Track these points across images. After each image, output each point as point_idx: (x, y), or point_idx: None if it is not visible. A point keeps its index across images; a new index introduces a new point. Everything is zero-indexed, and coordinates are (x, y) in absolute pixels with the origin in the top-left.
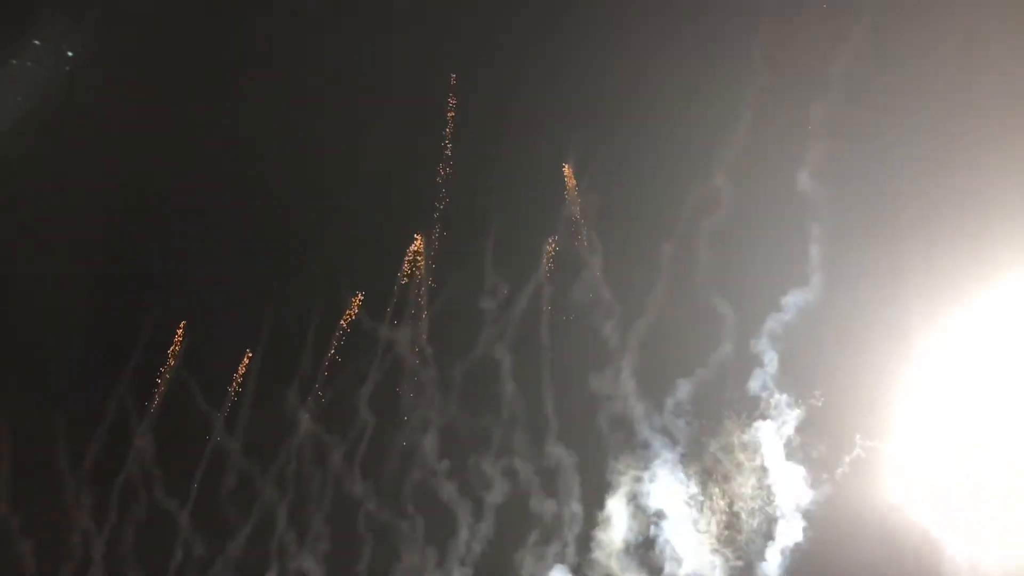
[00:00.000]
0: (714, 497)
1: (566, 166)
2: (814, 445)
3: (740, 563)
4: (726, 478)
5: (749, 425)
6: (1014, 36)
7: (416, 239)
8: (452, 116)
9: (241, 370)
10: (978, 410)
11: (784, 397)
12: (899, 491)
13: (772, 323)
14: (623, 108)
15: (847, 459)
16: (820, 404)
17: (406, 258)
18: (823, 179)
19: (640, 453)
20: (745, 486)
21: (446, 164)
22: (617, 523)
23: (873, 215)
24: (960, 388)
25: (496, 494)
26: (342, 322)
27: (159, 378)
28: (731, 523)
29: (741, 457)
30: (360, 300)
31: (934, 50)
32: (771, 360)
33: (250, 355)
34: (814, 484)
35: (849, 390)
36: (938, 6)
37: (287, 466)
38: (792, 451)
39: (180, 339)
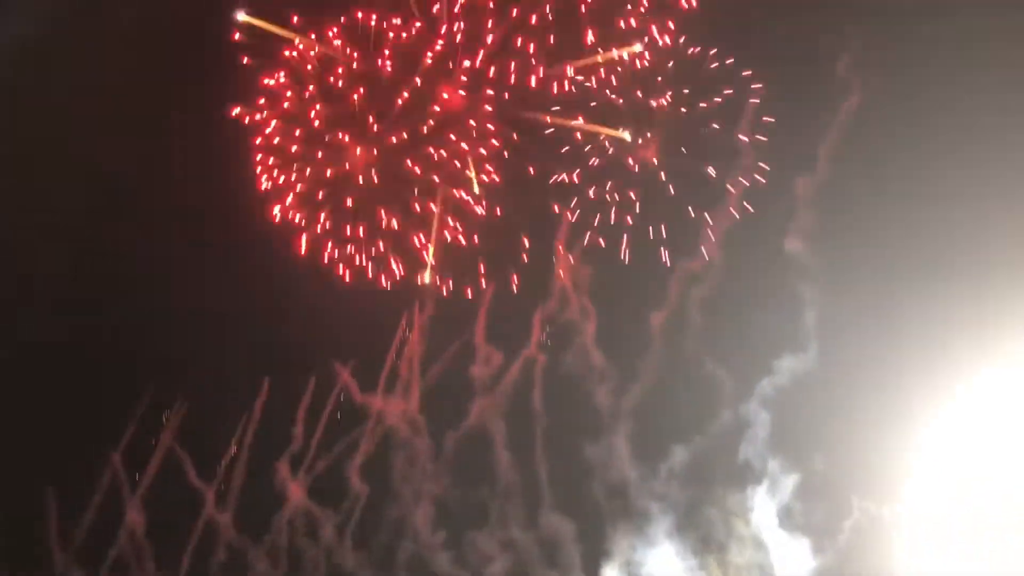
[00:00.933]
0: (711, 568)
1: (559, 240)
2: (812, 511)
3: None
4: (722, 547)
5: (743, 491)
6: (1001, 103)
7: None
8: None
9: (233, 444)
10: (980, 472)
11: (779, 462)
12: (902, 558)
13: (766, 388)
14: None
15: (847, 524)
16: (820, 468)
17: (399, 329)
18: (815, 247)
19: (637, 522)
20: (742, 555)
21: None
22: None
23: (867, 279)
24: (961, 450)
25: (496, 567)
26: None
27: (151, 452)
28: None
29: (738, 525)
30: (351, 371)
31: (925, 117)
32: (765, 425)
33: (242, 427)
34: (815, 551)
35: (845, 454)
36: (927, 77)
37: (279, 538)
38: (790, 518)
39: (168, 414)
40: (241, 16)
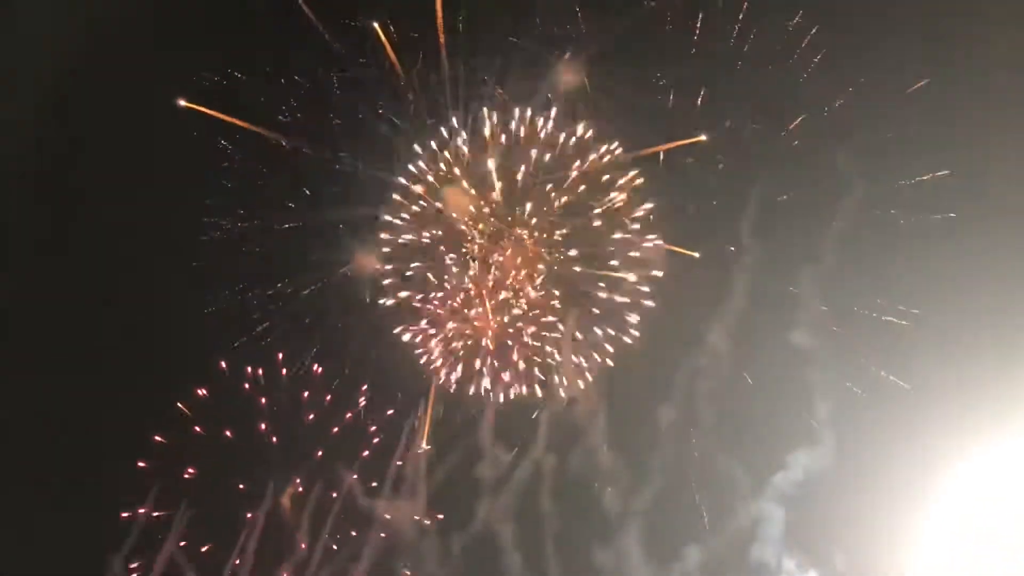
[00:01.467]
0: None
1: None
2: None
3: None
4: None
5: None
6: (999, 192)
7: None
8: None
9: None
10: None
11: (796, 560)
12: None
13: (780, 483)
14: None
15: None
16: (838, 565)
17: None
18: (822, 339)
19: None
20: None
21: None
22: None
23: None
24: (984, 538)
25: None
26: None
27: (153, 559)
28: None
29: None
30: (357, 474)
31: (926, 203)
32: (780, 522)
33: (246, 534)
34: None
35: (864, 548)
36: (925, 167)
37: None
38: None
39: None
40: (182, 103)
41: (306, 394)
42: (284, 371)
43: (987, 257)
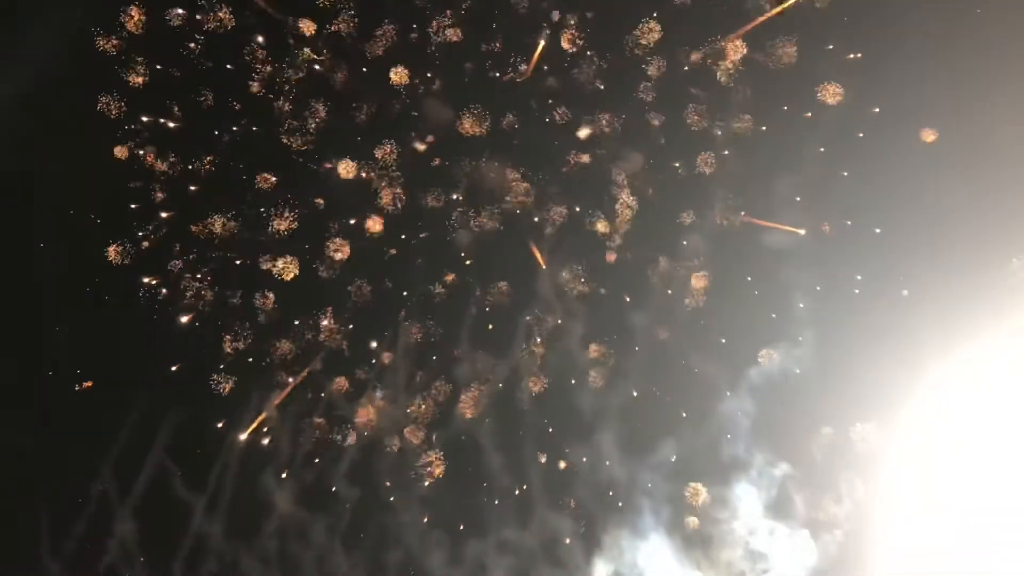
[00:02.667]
0: (703, 566)
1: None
2: (802, 501)
3: None
4: (713, 542)
5: (727, 485)
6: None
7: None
8: None
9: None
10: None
11: (766, 455)
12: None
13: (754, 378)
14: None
15: (840, 512)
16: (811, 457)
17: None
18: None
19: (628, 516)
20: (737, 550)
21: None
22: None
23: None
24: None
25: (491, 569)
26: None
27: (142, 463)
28: None
29: (726, 516)
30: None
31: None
32: (752, 416)
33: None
34: (807, 540)
35: (835, 441)
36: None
37: (269, 543)
38: (780, 508)
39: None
40: None
41: None
42: None
43: (970, 166)
